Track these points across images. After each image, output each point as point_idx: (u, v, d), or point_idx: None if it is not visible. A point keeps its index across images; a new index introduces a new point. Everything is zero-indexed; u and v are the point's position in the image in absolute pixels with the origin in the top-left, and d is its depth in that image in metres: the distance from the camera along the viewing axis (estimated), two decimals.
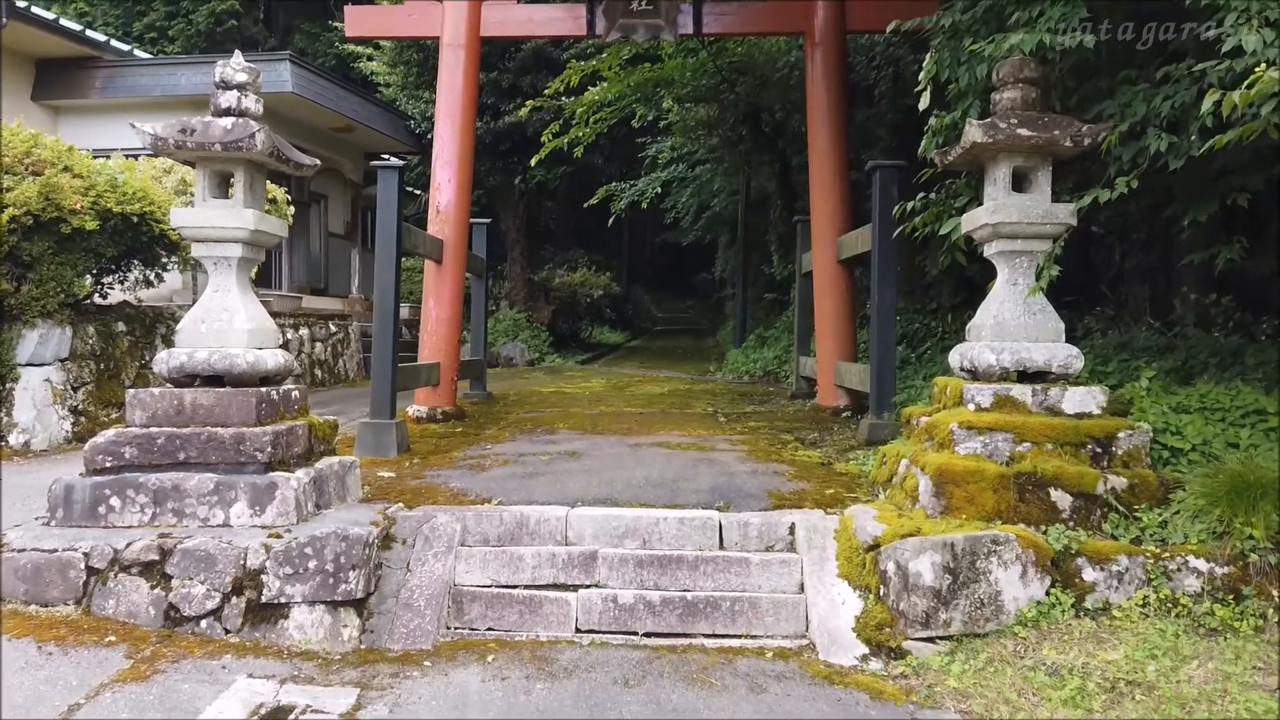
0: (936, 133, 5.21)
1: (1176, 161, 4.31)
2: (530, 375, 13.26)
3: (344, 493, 5.06)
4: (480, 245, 9.79)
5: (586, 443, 6.76)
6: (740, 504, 4.97)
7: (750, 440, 6.85)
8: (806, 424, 7.70)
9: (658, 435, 7.10)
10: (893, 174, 6.61)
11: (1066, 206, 4.71)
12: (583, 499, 5.05)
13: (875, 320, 6.62)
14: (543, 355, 15.93)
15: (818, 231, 8.32)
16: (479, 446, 6.71)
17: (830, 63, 8.13)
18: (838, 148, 8.17)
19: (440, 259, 8.00)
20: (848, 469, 5.81)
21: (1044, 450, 4.45)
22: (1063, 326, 4.82)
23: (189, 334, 4.75)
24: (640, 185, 15.29)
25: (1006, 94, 4.82)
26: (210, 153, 4.72)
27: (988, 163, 4.87)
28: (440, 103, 8.21)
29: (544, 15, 8.52)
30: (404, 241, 6.85)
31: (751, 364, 12.70)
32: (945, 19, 5.21)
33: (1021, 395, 4.62)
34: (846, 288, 8.19)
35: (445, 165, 8.13)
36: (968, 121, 4.68)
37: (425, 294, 8.14)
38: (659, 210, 25.92)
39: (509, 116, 14.70)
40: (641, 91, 11.81)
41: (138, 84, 11.87)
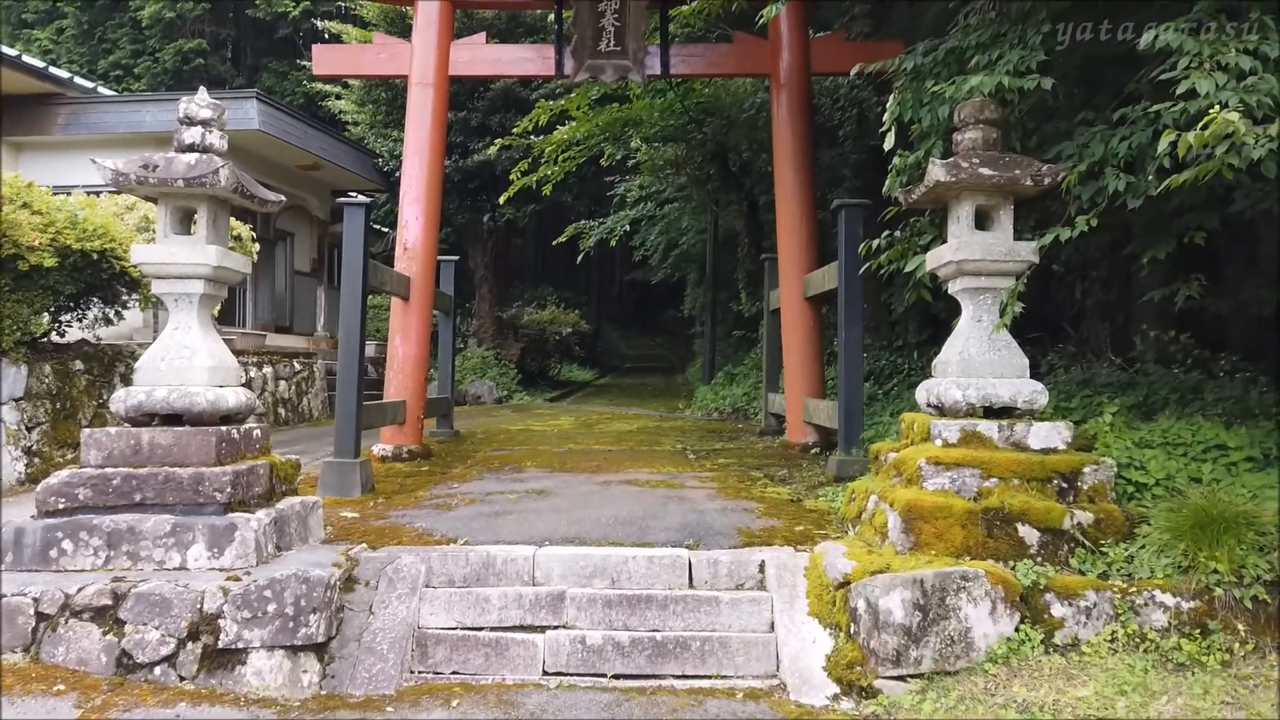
0: (901, 172, 5.28)
1: (1135, 201, 4.39)
2: (498, 413, 13.17)
3: (306, 534, 4.96)
4: (448, 282, 9.75)
5: (555, 481, 6.70)
6: (710, 542, 4.93)
7: (719, 477, 6.83)
8: (776, 461, 7.69)
9: (627, 473, 7.06)
10: (858, 212, 6.69)
11: (1028, 244, 4.78)
12: (550, 538, 4.98)
13: (843, 357, 6.66)
14: (511, 393, 15.84)
15: (785, 269, 8.38)
16: (445, 486, 6.62)
17: (795, 104, 8.25)
18: (804, 187, 8.26)
19: (407, 296, 7.95)
20: (817, 505, 5.80)
21: (1011, 486, 4.47)
22: (1027, 362, 4.87)
23: (148, 372, 4.66)
24: (609, 223, 15.35)
25: (968, 134, 4.90)
26: (173, 188, 4.66)
27: (951, 201, 4.94)
28: (409, 140, 8.21)
29: (512, 55, 8.58)
30: (370, 278, 6.80)
31: (720, 401, 12.71)
32: (908, 62, 5.31)
33: (988, 431, 4.64)
34: (814, 325, 8.24)
35: (413, 202, 8.11)
36: (931, 161, 4.75)
37: (392, 331, 8.08)
38: (627, 248, 26.05)
39: (478, 155, 14.74)
40: (610, 131, 11.91)
41: (101, 121, 11.77)
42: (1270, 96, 3.60)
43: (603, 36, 8.02)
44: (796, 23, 8.21)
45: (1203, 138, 3.47)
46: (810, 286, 7.96)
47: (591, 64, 8.14)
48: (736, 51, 8.43)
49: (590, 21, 8.00)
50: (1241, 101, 3.58)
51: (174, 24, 22.02)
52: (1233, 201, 4.95)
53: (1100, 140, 4.67)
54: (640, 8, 7.94)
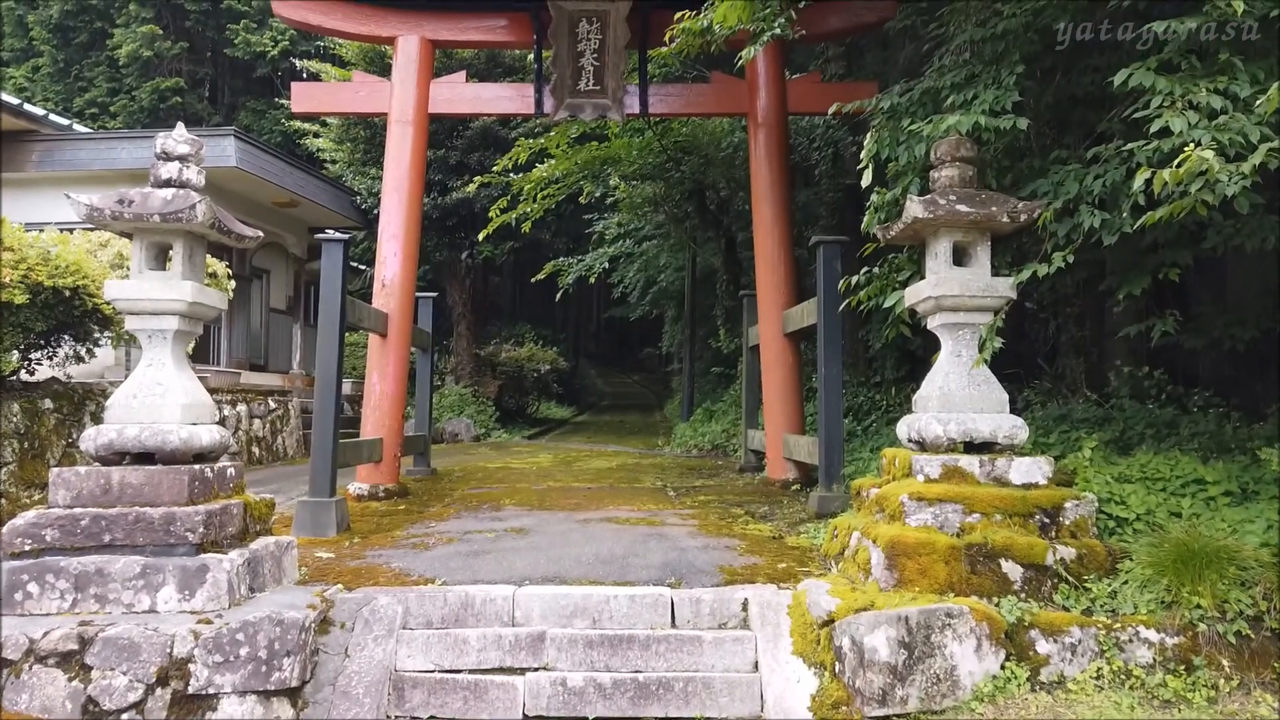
0: (878, 209, 5.32)
1: (1110, 237, 4.45)
2: (476, 451, 13.05)
3: (280, 575, 4.85)
4: (426, 319, 9.70)
5: (534, 519, 6.62)
6: (692, 580, 4.87)
7: (700, 514, 6.78)
8: (756, 497, 7.65)
9: (607, 510, 6.99)
10: (836, 249, 6.74)
11: (1006, 280, 4.82)
12: (530, 577, 4.91)
13: (823, 393, 6.66)
14: (489, 430, 15.72)
15: (764, 306, 8.40)
16: (422, 525, 6.52)
17: (773, 142, 8.33)
18: (782, 223, 8.32)
19: (385, 333, 7.89)
20: (799, 542, 5.76)
21: (993, 521, 4.46)
22: (1006, 397, 4.88)
23: (120, 409, 4.57)
24: (588, 260, 15.39)
25: (945, 172, 4.96)
26: (148, 224, 4.61)
27: (929, 237, 4.98)
28: (388, 176, 8.20)
29: (492, 94, 8.63)
30: (348, 315, 6.75)
31: (700, 438, 12.67)
32: (885, 101, 5.38)
33: (969, 466, 4.64)
34: (793, 361, 8.26)
35: (391, 238, 8.08)
36: (909, 198, 4.79)
37: (369, 368, 8.01)
38: (605, 286, 26.05)
39: (456, 193, 14.75)
40: (589, 169, 11.98)
41: (76, 158, 11.69)
42: (1241, 134, 3.67)
43: (582, 76, 8.09)
44: (773, 63, 8.32)
45: (1177, 175, 3.52)
46: (789, 322, 7.98)
47: (571, 103, 8.19)
48: (714, 91, 8.53)
49: (570, 61, 8.07)
50: (1214, 139, 3.65)
51: (151, 62, 22.01)
52: (1205, 238, 5.02)
53: (1075, 178, 4.74)
54: (619, 48, 8.02)
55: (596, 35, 7.93)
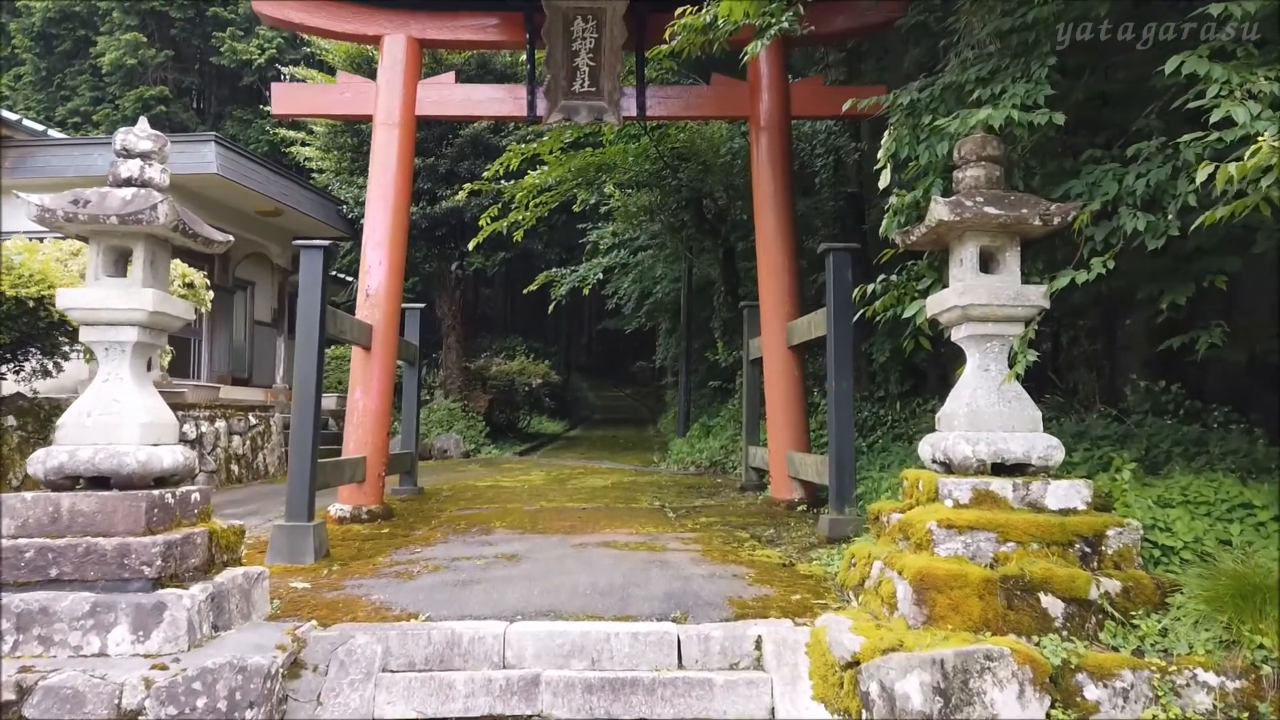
0: (898, 211, 4.96)
1: (1155, 241, 4.10)
2: (465, 468, 12.62)
3: (249, 609, 4.44)
4: (413, 331, 9.30)
5: (526, 544, 6.21)
6: (699, 613, 4.48)
7: (703, 538, 6.38)
8: (761, 519, 7.26)
9: (603, 534, 6.59)
10: (846, 256, 6.37)
11: (1038, 288, 4.47)
12: (523, 612, 4.50)
13: (833, 409, 6.28)
14: (479, 446, 15.28)
15: (767, 317, 8.03)
16: (407, 550, 6.11)
17: (776, 146, 7.98)
18: (785, 231, 7.96)
19: (369, 345, 7.49)
20: (812, 570, 5.36)
21: (1030, 551, 4.08)
22: (1040, 415, 4.53)
23: (73, 429, 4.17)
24: (581, 271, 14.99)
25: (969, 172, 4.61)
26: (105, 226, 4.22)
27: (953, 242, 4.63)
28: (373, 182, 7.82)
29: (483, 95, 8.25)
30: (329, 325, 6.35)
31: (697, 454, 12.26)
32: (903, 97, 5.03)
33: (1002, 490, 4.27)
34: (797, 375, 7.88)
35: (376, 246, 7.69)
36: (933, 199, 4.43)
37: (352, 383, 7.60)
38: (597, 298, 25.61)
39: (446, 201, 14.36)
40: (583, 176, 11.60)
41: (49, 164, 11.26)
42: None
43: (577, 77, 7.73)
44: (776, 65, 7.98)
45: (1244, 168, 3.16)
46: (794, 334, 7.61)
47: (565, 105, 7.83)
48: (715, 94, 8.18)
49: (564, 61, 7.71)
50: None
51: (135, 71, 21.63)
52: (1254, 242, 4.67)
53: (1113, 178, 4.39)
54: (615, 48, 7.67)
55: (592, 34, 7.57)
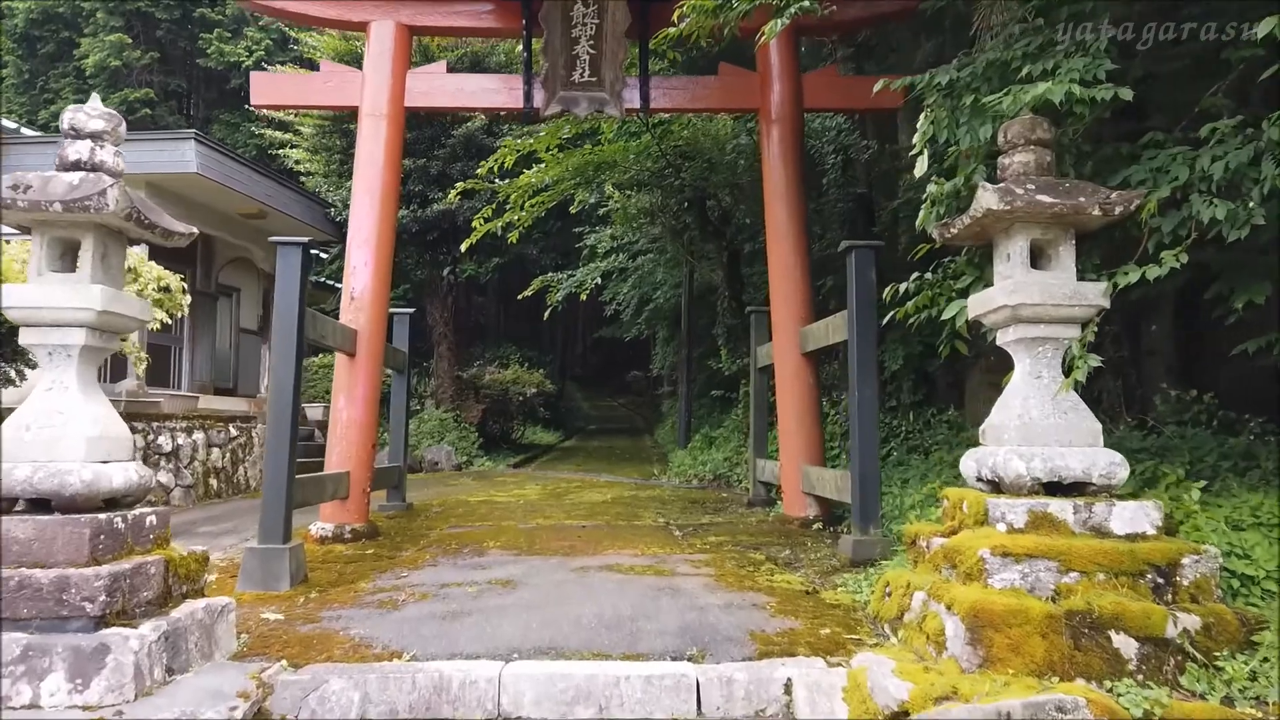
0: (936, 202, 4.49)
1: (1237, 231, 3.63)
2: (457, 481, 12.10)
3: (211, 648, 3.93)
4: (402, 337, 8.80)
5: (522, 567, 5.71)
6: (718, 650, 3.98)
7: (715, 560, 5.88)
8: (775, 538, 6.76)
9: (606, 555, 6.09)
10: (869, 255, 5.89)
11: (1096, 286, 4.00)
12: (520, 649, 4.00)
13: (855, 420, 5.79)
14: (471, 458, 14.76)
15: (779, 321, 7.55)
16: (392, 574, 5.60)
17: (788, 140, 7.51)
18: (798, 230, 7.49)
19: (353, 352, 6.99)
20: (839, 599, 4.87)
21: (1095, 582, 3.60)
22: (1099, 427, 4.05)
23: (9, 445, 3.66)
24: (579, 275, 14.49)
25: (1017, 157, 4.14)
26: (48, 214, 3.72)
27: (998, 236, 4.16)
28: (358, 177, 7.33)
29: (476, 85, 7.76)
30: (308, 330, 5.86)
31: (699, 466, 11.75)
32: (941, 76, 4.56)
33: (1061, 512, 3.79)
34: (812, 383, 7.39)
35: (362, 245, 7.20)
36: (981, 186, 3.96)
37: (335, 392, 7.10)
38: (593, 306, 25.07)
39: (438, 204, 13.87)
40: (581, 175, 11.10)
41: (22, 163, 10.68)
42: None
43: (576, 65, 7.26)
44: (787, 54, 7.52)
45: None
46: (809, 340, 7.13)
47: (564, 96, 7.35)
48: (722, 85, 7.71)
49: (563, 49, 7.24)
50: None
51: (120, 73, 21.16)
52: None
53: (1182, 162, 3.92)
54: (618, 34, 7.20)
55: (593, 20, 7.11)
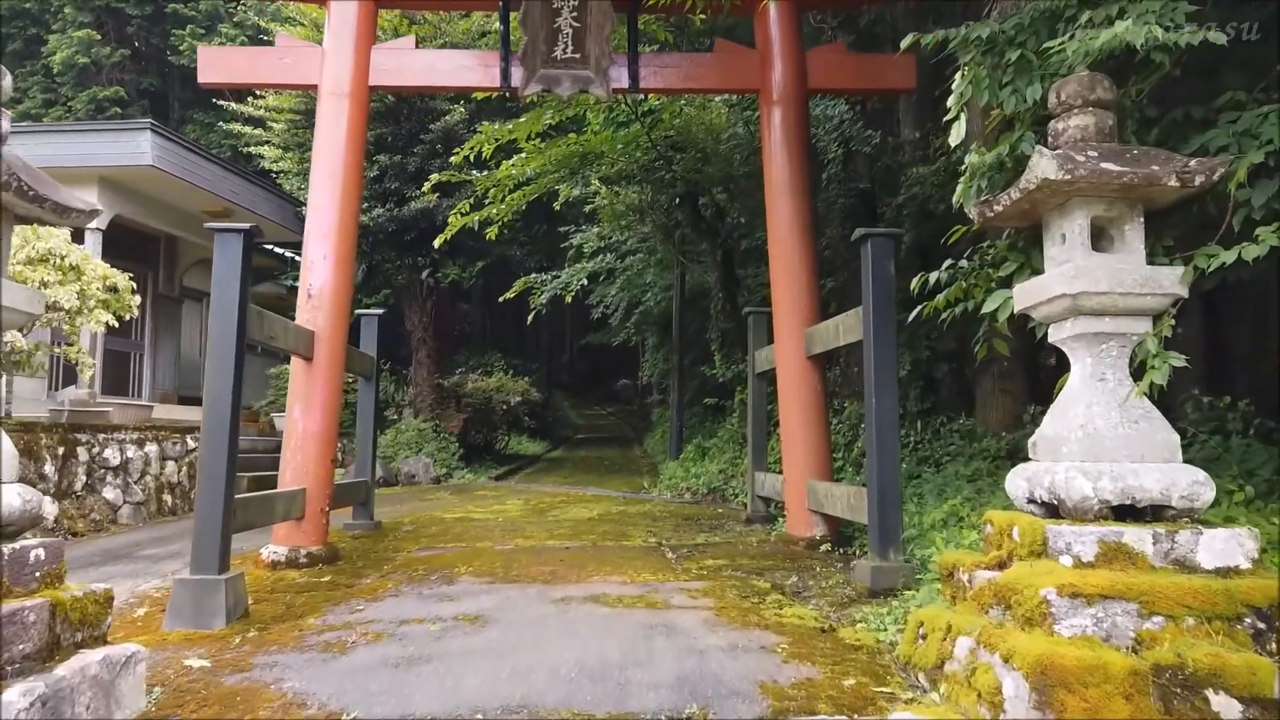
0: (976, 174, 3.84)
1: None
2: (434, 496, 11.39)
3: (110, 708, 3.23)
4: (370, 340, 8.10)
5: (496, 598, 5.03)
6: (723, 708, 3.31)
7: (714, 589, 5.20)
8: (779, 562, 6.09)
9: (591, 582, 5.41)
10: (888, 245, 5.23)
11: (1171, 271, 3.37)
12: (484, 709, 3.32)
13: (874, 431, 5.13)
14: (451, 471, 14.04)
15: (781, 322, 6.90)
16: (347, 607, 4.91)
17: (791, 124, 6.86)
18: (802, 223, 6.84)
19: (310, 355, 6.30)
20: (860, 638, 4.20)
21: (1183, 628, 2.95)
22: (1177, 439, 3.41)
23: None
24: (564, 277, 13.78)
25: (1073, 121, 3.52)
26: None
27: (1051, 214, 3.53)
28: (317, 163, 6.66)
29: (449, 64, 7.08)
30: (252, 329, 5.18)
31: (693, 479, 11.06)
32: (980, 30, 3.91)
33: (1138, 542, 3.14)
34: (818, 389, 6.73)
35: (321, 238, 6.51)
36: (1037, 151, 3.32)
37: (290, 400, 6.41)
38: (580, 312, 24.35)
39: (415, 202, 13.18)
40: (565, 166, 10.42)
41: None
42: None
43: (558, 40, 6.60)
44: (789, 29, 6.88)
45: None
46: (815, 342, 6.47)
47: (545, 74, 6.69)
48: (719, 63, 7.06)
49: (544, 21, 6.58)
50: None
51: (88, 70, 20.37)
52: None
53: (1274, 122, 3.29)
54: (604, 6, 6.55)
55: None
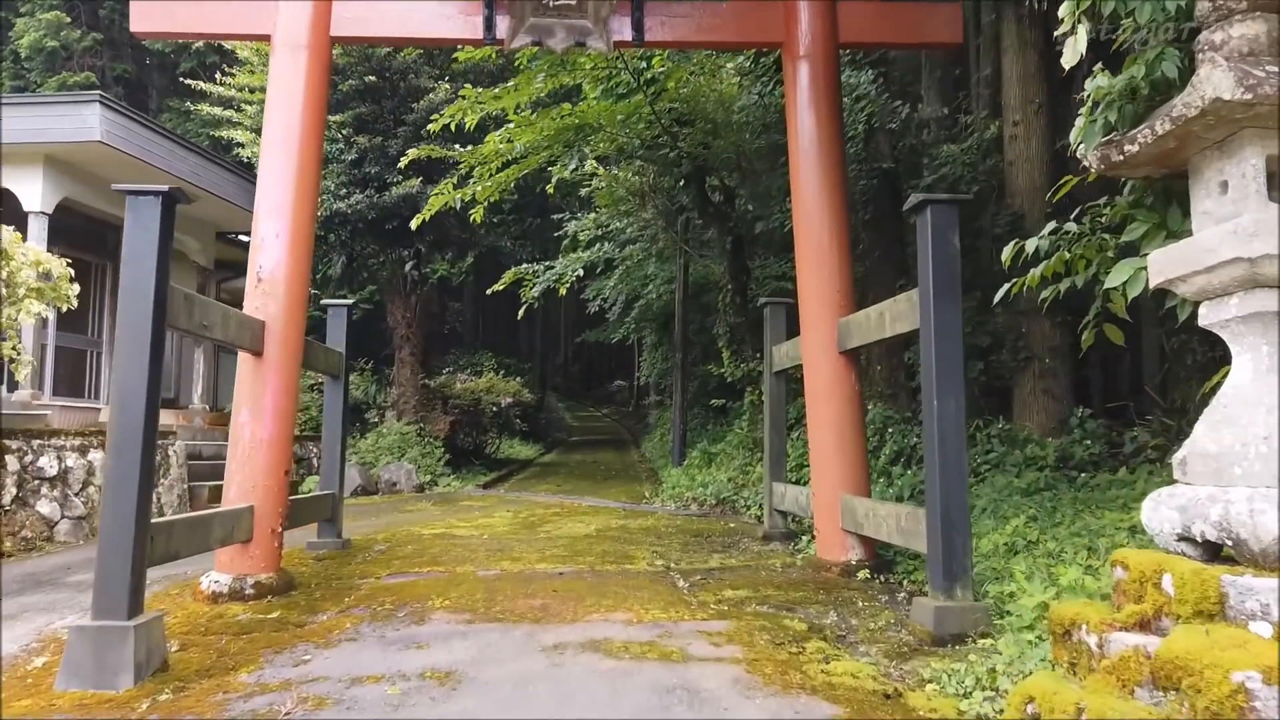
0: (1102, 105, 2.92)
1: None
2: (415, 506, 10.44)
3: None
4: (338, 334, 7.16)
5: (473, 645, 4.10)
6: None
7: (739, 631, 4.28)
8: (811, 593, 5.17)
9: (590, 622, 4.49)
10: (952, 212, 4.31)
11: None
12: None
13: (935, 441, 4.20)
14: (436, 478, 13.08)
15: (809, 312, 5.98)
16: (291, 655, 3.98)
17: (820, 83, 5.96)
18: (834, 198, 5.93)
19: (260, 349, 5.37)
20: (935, 706, 3.27)
21: None
22: None
23: None
24: (558, 268, 12.82)
25: (1235, 30, 2.64)
26: None
27: (1205, 155, 2.65)
28: (270, 125, 5.72)
29: (424, 12, 6.12)
30: (178, 314, 4.27)
31: (698, 489, 10.10)
32: None
33: None
34: (853, 390, 5.82)
35: (274, 212, 5.59)
36: (1209, 60, 2.43)
37: (236, 402, 5.47)
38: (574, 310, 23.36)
39: (397, 188, 12.23)
40: (559, 140, 9.45)
41: None
42: None
43: None
44: None
45: None
46: (852, 334, 5.56)
47: (535, 24, 5.78)
48: (736, 13, 6.14)
49: None
50: None
51: (58, 55, 19.39)
52: None
53: None
54: None
55: None
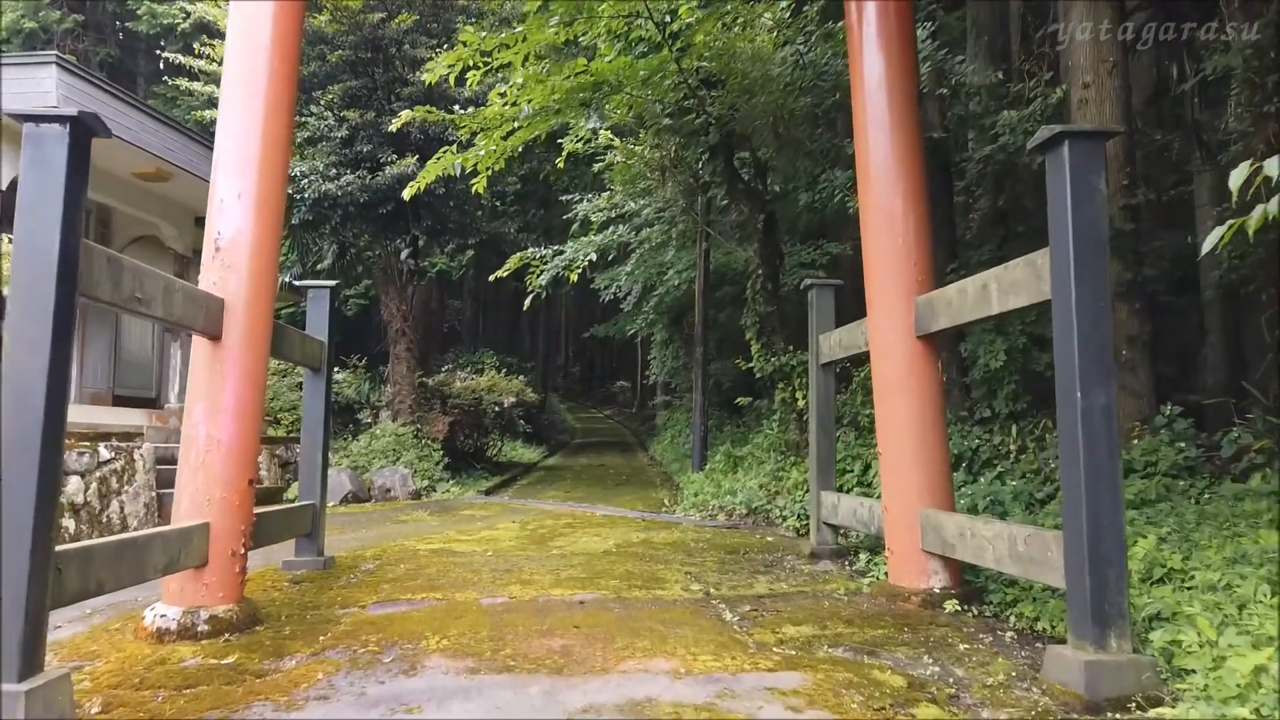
0: None
1: None
2: (410, 516, 9.47)
3: None
4: (319, 321, 6.20)
5: (478, 708, 3.15)
6: None
7: (822, 688, 3.32)
8: (891, 630, 4.21)
9: (624, 673, 3.53)
10: (1097, 148, 3.36)
11: None
12: None
13: (1080, 445, 3.25)
14: (433, 483, 12.11)
15: (877, 291, 5.03)
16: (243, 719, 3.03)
17: (892, 18, 5.01)
18: (909, 152, 4.98)
19: (217, 333, 4.42)
20: None
21: None
22: None
23: None
24: (569, 253, 11.82)
25: None
26: None
27: None
28: (230, 69, 4.78)
29: None
30: (94, 282, 3.31)
31: (726, 497, 9.11)
32: None
33: None
34: (936, 382, 4.86)
35: (235, 172, 4.64)
36: None
37: (190, 396, 4.51)
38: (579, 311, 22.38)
39: (391, 168, 11.26)
40: (572, 100, 8.45)
41: None
42: None
43: None
44: None
45: None
46: (937, 313, 4.60)
47: None
48: None
49: None
50: None
51: (37, 37, 18.46)
52: None
53: None
54: None
55: None
